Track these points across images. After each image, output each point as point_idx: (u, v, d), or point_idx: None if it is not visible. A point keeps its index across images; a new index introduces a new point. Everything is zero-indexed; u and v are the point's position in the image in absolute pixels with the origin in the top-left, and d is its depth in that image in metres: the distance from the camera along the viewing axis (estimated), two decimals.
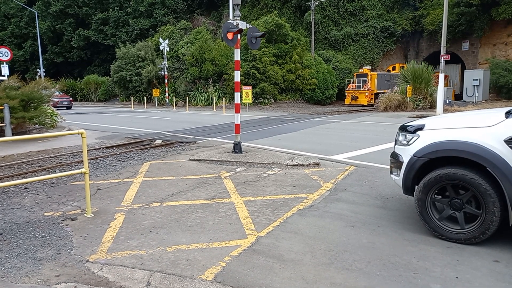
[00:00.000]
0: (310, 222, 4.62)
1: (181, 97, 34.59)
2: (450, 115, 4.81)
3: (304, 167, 7.70)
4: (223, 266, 3.50)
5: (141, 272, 3.40)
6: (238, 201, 5.48)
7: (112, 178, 6.98)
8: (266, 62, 31.58)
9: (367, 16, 37.56)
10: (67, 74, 49.82)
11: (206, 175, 7.14)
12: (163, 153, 9.63)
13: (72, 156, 9.35)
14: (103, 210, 5.14)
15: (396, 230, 4.32)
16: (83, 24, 48.15)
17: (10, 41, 50.79)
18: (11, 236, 4.25)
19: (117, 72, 37.89)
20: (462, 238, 3.89)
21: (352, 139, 11.56)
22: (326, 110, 26.43)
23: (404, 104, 23.49)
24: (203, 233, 4.31)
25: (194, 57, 33.73)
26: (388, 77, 31.29)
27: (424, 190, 4.06)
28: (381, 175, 6.84)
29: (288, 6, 40.08)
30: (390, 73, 32.31)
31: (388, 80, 31.02)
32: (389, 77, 31.13)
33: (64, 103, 30.99)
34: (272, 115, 22.47)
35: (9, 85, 13.08)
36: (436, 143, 3.99)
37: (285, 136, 12.66)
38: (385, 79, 31.15)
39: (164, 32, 40.30)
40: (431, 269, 3.42)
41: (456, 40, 32.85)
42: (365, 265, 3.50)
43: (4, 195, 5.92)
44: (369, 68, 31.67)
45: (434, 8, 34.11)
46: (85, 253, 3.81)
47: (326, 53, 36.64)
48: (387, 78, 31.22)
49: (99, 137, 12.92)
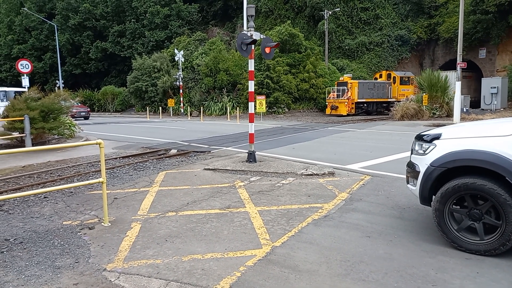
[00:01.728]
0: (325, 232, 4.59)
1: (195, 107, 34.95)
2: (468, 124, 4.74)
3: (319, 176, 7.66)
4: (238, 276, 3.50)
5: (157, 281, 3.42)
6: (253, 210, 5.49)
7: (128, 187, 7.08)
8: (280, 71, 31.72)
9: (381, 24, 37.44)
10: (85, 85, 50.94)
11: (221, 184, 7.17)
12: (178, 162, 9.72)
13: (89, 166, 9.51)
14: (120, 219, 5.21)
15: (414, 241, 4.25)
16: (100, 36, 49.31)
17: (31, 53, 52.28)
18: (31, 245, 4.34)
19: (133, 83, 38.57)
20: (482, 250, 3.81)
21: (367, 148, 11.46)
22: (340, 119, 26.30)
23: (420, 112, 23.23)
24: (218, 242, 4.33)
25: (209, 68, 34.11)
26: (372, 85, 29.92)
27: (442, 200, 3.99)
28: (397, 185, 6.76)
29: (302, 16, 40.29)
30: (374, 81, 30.92)
31: (372, 88, 29.72)
32: (373, 85, 29.96)
33: (82, 114, 31.68)
34: (286, 124, 22.48)
35: (30, 96, 13.44)
36: (453, 153, 3.93)
37: (299, 145, 12.64)
38: (368, 87, 29.63)
39: (179, 43, 40.94)
40: (450, 281, 3.35)
41: (473, 47, 32.40)
42: (382, 277, 3.45)
43: (24, 204, 6.06)
44: (350, 76, 30.42)
45: (449, 15, 33.81)
46: (102, 262, 3.87)
47: (340, 62, 36.60)
48: (371, 87, 29.81)
49: (116, 147, 13.12)
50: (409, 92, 30.74)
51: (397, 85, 31.01)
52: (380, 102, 30.50)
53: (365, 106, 29.72)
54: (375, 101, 30.14)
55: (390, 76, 31.34)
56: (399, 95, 30.54)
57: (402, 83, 31.09)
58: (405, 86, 31.17)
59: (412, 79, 31.19)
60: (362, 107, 29.59)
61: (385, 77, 31.59)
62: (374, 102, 30.15)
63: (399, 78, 30.99)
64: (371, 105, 30.03)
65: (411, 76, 31.78)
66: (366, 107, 29.79)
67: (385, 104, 30.62)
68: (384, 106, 30.59)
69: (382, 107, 30.63)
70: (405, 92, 30.75)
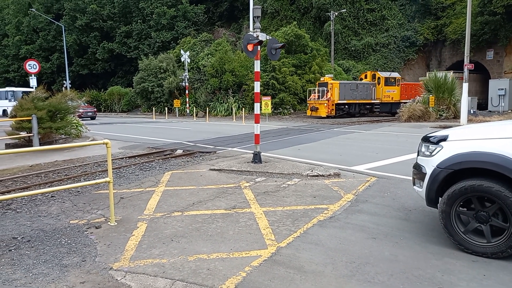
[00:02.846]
0: (331, 233, 4.59)
1: (201, 107, 35.06)
2: (475, 126, 4.72)
3: (324, 177, 7.65)
4: (244, 276, 3.51)
5: (163, 281, 3.44)
6: (258, 211, 5.49)
7: (134, 187, 7.12)
8: (286, 72, 31.73)
9: (387, 25, 37.34)
10: (92, 86, 51.31)
11: (226, 185, 7.19)
12: (184, 163, 9.76)
13: (96, 166, 9.58)
14: (126, 218, 5.24)
15: (420, 243, 4.23)
16: (107, 37, 49.66)
17: (38, 54, 52.75)
18: (38, 243, 4.38)
19: (139, 84, 38.80)
20: (489, 252, 3.78)
21: (373, 149, 11.43)
22: (346, 120, 26.23)
23: (426, 114, 23.10)
24: (223, 242, 4.34)
25: (214, 68, 34.22)
26: (354, 86, 28.82)
27: (449, 202, 3.97)
28: (403, 187, 6.73)
29: (308, 17, 40.30)
30: (357, 82, 29.86)
31: (354, 89, 28.64)
32: (356, 86, 28.84)
33: (89, 114, 31.92)
34: (292, 125, 22.47)
35: (37, 96, 13.56)
36: (460, 154, 3.91)
37: (304, 146, 12.63)
38: (351, 88, 28.50)
39: (185, 44, 41.12)
40: (456, 283, 3.33)
41: (480, 49, 32.21)
42: (387, 278, 3.44)
43: (32, 203, 6.11)
44: (332, 77, 29.24)
45: (456, 17, 33.64)
46: (109, 261, 3.89)
47: (346, 63, 36.55)
48: (353, 87, 28.70)
49: (122, 147, 13.20)
50: (395, 94, 29.85)
51: (382, 86, 29.70)
52: (363, 103, 29.45)
53: (347, 108, 28.64)
54: (358, 103, 29.06)
55: (375, 76, 30.20)
56: (384, 96, 29.62)
57: (387, 84, 29.74)
58: (390, 87, 29.87)
59: (398, 80, 30.23)
60: (343, 108, 28.51)
61: (370, 77, 30.40)
62: (357, 104, 29.08)
63: (384, 79, 29.72)
64: (353, 107, 28.95)
65: (397, 77, 30.67)
66: (347, 108, 28.69)
67: (368, 105, 29.74)
68: (367, 107, 29.75)
69: (366, 108, 29.72)
70: (391, 93, 29.83)
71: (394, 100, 29.94)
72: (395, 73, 32.04)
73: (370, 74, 30.68)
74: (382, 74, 30.25)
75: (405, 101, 29.99)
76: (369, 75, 30.73)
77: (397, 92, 30.03)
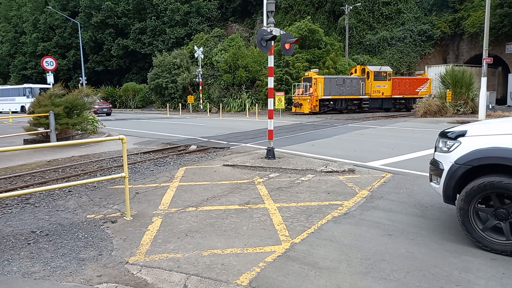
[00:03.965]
0: (345, 229, 4.55)
1: (214, 103, 35.16)
2: (494, 121, 4.61)
3: (339, 173, 7.59)
4: (258, 271, 3.51)
5: (178, 275, 3.47)
6: (272, 207, 5.49)
7: (149, 182, 7.19)
8: (299, 67, 31.53)
9: (403, 19, 36.70)
10: (107, 82, 51.90)
11: (240, 180, 7.20)
12: (198, 158, 9.81)
13: (112, 161, 9.70)
14: (142, 213, 5.30)
15: (436, 240, 4.16)
16: (122, 34, 50.12)
17: (55, 51, 53.57)
18: (56, 237, 4.47)
19: (153, 80, 39.10)
20: (508, 250, 3.70)
21: (388, 145, 11.28)
22: (360, 116, 25.95)
23: (443, 109, 22.71)
24: (237, 238, 4.35)
25: (228, 64, 34.22)
26: (341, 81, 27.52)
27: (467, 199, 3.90)
28: (419, 183, 6.63)
29: (322, 11, 39.89)
30: (344, 77, 28.48)
31: (341, 84, 27.42)
32: (343, 81, 27.56)
33: (104, 110, 32.34)
34: (305, 121, 22.35)
35: (54, 93, 13.79)
36: (479, 150, 3.83)
37: (318, 142, 12.55)
38: (337, 83, 27.29)
39: (198, 40, 41.21)
40: (474, 281, 3.27)
41: (499, 42, 31.40)
42: (403, 276, 3.40)
43: (50, 198, 6.23)
44: (317, 71, 27.74)
45: (475, 9, 32.85)
46: (124, 255, 3.94)
47: (360, 57, 36.10)
48: (340, 82, 27.43)
49: (137, 142, 13.34)
50: (385, 89, 28.56)
51: (371, 81, 28.28)
52: (350, 99, 28.19)
53: (332, 104, 27.69)
54: (345, 98, 27.88)
55: (365, 71, 28.77)
56: (373, 91, 28.37)
57: (376, 78, 28.36)
58: (380, 82, 28.46)
59: (389, 74, 28.80)
60: (328, 104, 27.55)
61: (360, 72, 28.97)
62: (343, 99, 27.90)
63: (373, 73, 28.26)
64: (339, 102, 27.92)
65: (388, 71, 29.14)
66: (332, 104, 27.74)
67: (356, 101, 28.45)
68: (355, 103, 28.51)
69: (353, 104, 28.51)
70: (381, 88, 28.57)
71: (385, 96, 28.76)
72: (386, 66, 30.64)
73: (359, 68, 29.37)
74: (372, 68, 29.00)
75: (397, 96, 28.97)
76: (358, 69, 29.43)
77: (388, 87, 28.69)
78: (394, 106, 29.73)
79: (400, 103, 29.72)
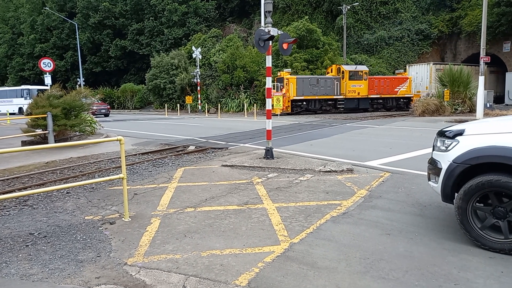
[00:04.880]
0: (344, 229, 4.55)
1: (213, 103, 35.14)
2: (492, 120, 4.62)
3: (337, 173, 7.60)
4: (257, 272, 3.51)
5: (177, 276, 3.46)
6: (271, 207, 5.48)
7: (148, 183, 7.18)
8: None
9: (401, 18, 36.76)
10: (105, 83, 51.85)
11: (239, 181, 7.20)
12: (196, 159, 9.80)
13: (110, 162, 9.69)
14: (140, 214, 5.29)
15: (435, 239, 4.17)
16: (119, 35, 50.06)
17: (52, 52, 53.48)
18: (54, 239, 4.46)
19: (151, 80, 39.05)
20: (506, 249, 3.71)
21: (386, 144, 11.30)
22: (358, 115, 25.97)
23: (441, 108, 22.74)
24: (236, 238, 4.34)
25: (226, 64, 34.22)
26: (314, 81, 26.84)
27: (465, 198, 3.90)
28: (418, 182, 6.64)
29: (320, 11, 39.92)
30: (318, 77, 27.84)
31: (314, 84, 26.76)
32: (316, 81, 26.88)
33: (102, 111, 32.29)
34: (304, 120, 22.36)
35: (52, 94, 13.77)
36: (477, 149, 3.83)
37: (317, 142, 12.55)
38: (310, 83, 26.59)
39: (196, 40, 41.20)
40: (473, 280, 3.27)
41: (497, 41, 31.45)
42: (402, 275, 3.40)
43: (48, 199, 6.22)
44: (289, 71, 27.27)
45: (472, 8, 32.91)
46: (123, 256, 3.93)
47: (358, 57, 36.14)
48: (313, 82, 26.76)
49: (135, 143, 13.32)
50: (361, 89, 27.90)
51: (346, 81, 27.63)
52: (325, 99, 27.55)
53: (305, 104, 27.11)
54: (318, 99, 27.25)
55: (340, 70, 28.15)
56: (348, 91, 27.71)
57: (352, 78, 27.73)
58: (355, 82, 27.83)
59: (366, 73, 28.11)
60: (301, 105, 26.99)
61: (336, 71, 28.37)
62: (317, 100, 27.24)
63: (348, 73, 27.61)
64: (312, 103, 27.31)
65: (364, 70, 28.41)
66: (306, 105, 27.16)
67: (331, 101, 27.81)
68: (330, 104, 27.88)
69: (328, 105, 27.89)
70: (356, 88, 27.89)
71: (361, 96, 28.13)
72: (363, 66, 29.94)
73: (335, 68, 28.80)
74: (347, 67, 28.46)
75: (374, 96, 28.39)
76: (334, 68, 28.85)
77: (365, 87, 28.03)
78: (372, 106, 29.02)
79: (378, 103, 29.16)
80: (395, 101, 29.56)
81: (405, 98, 29.55)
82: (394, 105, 29.58)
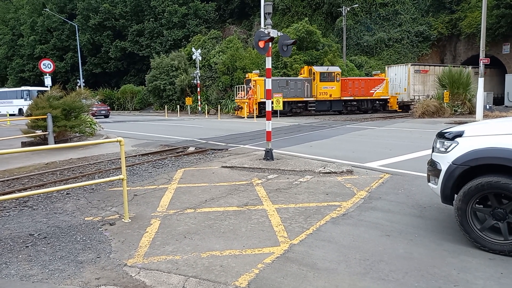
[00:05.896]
0: (344, 230, 4.55)
1: (213, 105, 35.16)
2: (491, 121, 4.62)
3: (337, 174, 7.60)
4: (257, 273, 3.51)
5: (177, 277, 3.46)
6: (270, 208, 5.49)
7: (148, 184, 7.18)
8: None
9: (400, 20, 36.84)
10: (105, 84, 51.90)
11: (238, 182, 7.20)
12: (196, 160, 9.80)
13: (110, 163, 9.69)
14: (140, 215, 5.29)
15: (435, 240, 4.17)
16: (120, 36, 50.12)
17: (53, 53, 53.52)
18: (54, 240, 4.46)
19: (151, 82, 39.09)
20: (506, 250, 3.71)
21: (386, 146, 11.31)
22: (358, 116, 25.98)
23: (441, 110, 22.76)
24: (236, 239, 4.35)
25: (226, 66, 34.25)
26: (284, 83, 26.36)
27: (464, 199, 3.91)
28: (417, 183, 6.64)
29: (319, 12, 40.00)
30: (287, 78, 27.49)
31: (284, 86, 26.25)
32: (286, 83, 26.42)
33: (102, 112, 32.31)
34: (303, 122, 22.38)
35: (52, 95, 13.77)
36: (477, 150, 3.84)
37: (316, 143, 12.56)
38: (279, 85, 25.93)
39: (196, 42, 41.24)
40: (472, 281, 3.28)
41: (496, 43, 31.54)
42: (402, 276, 3.40)
43: (48, 200, 6.22)
44: (258, 73, 26.72)
45: (471, 10, 32.99)
46: (123, 257, 3.93)
47: (358, 59, 36.21)
48: (282, 84, 26.28)
49: (135, 144, 13.32)
50: (333, 90, 27.46)
51: (317, 82, 27.25)
52: (295, 101, 27.12)
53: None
54: (288, 101, 26.60)
55: (311, 72, 27.66)
56: (319, 93, 27.29)
57: (323, 79, 27.26)
58: (327, 83, 27.36)
59: (337, 74, 27.60)
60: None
61: (307, 73, 27.96)
62: (286, 102, 26.42)
63: (319, 74, 27.14)
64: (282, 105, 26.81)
65: (336, 71, 27.91)
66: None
67: (301, 103, 27.38)
68: (300, 106, 27.44)
69: (298, 107, 27.44)
70: (328, 90, 27.43)
71: (333, 98, 27.71)
72: (335, 67, 29.41)
73: (307, 69, 28.36)
74: (317, 68, 27.94)
75: (347, 98, 27.88)
76: (306, 70, 28.41)
77: (337, 89, 27.61)
78: (346, 108, 28.63)
79: (352, 105, 28.70)
80: (371, 103, 29.05)
81: (381, 100, 29.15)
82: (370, 107, 29.09)
